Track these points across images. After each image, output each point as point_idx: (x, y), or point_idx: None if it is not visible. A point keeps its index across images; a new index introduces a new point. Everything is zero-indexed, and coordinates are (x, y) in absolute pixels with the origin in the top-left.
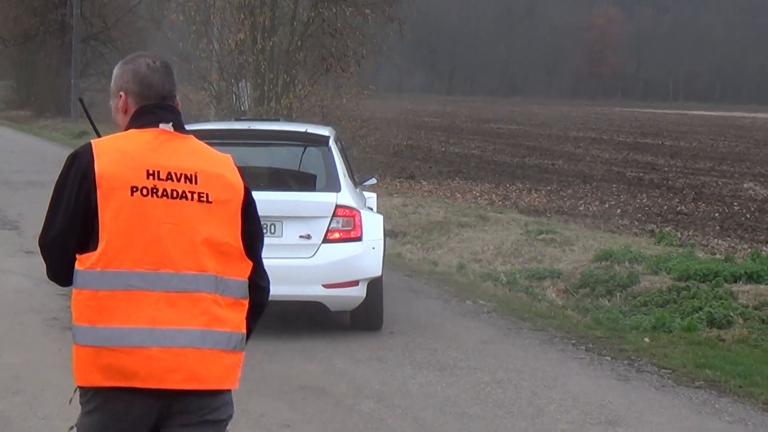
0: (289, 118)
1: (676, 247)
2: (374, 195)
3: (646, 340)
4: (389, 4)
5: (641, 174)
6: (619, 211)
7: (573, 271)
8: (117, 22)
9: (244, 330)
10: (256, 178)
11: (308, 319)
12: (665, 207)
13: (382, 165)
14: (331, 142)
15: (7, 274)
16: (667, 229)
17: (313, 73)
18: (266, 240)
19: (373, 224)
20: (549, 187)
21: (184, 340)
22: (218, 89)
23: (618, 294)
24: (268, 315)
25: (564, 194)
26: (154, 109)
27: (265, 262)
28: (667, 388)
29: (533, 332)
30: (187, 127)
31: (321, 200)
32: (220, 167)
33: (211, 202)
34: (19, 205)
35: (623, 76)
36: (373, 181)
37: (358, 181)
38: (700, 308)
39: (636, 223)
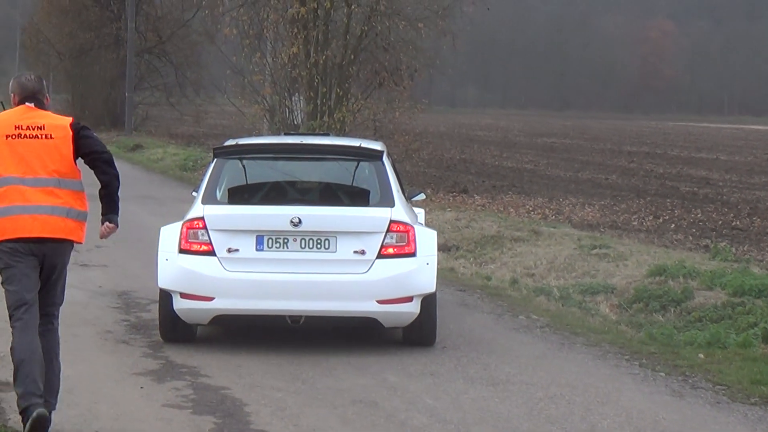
0: (341, 133)
1: (730, 263)
2: (422, 211)
3: (701, 356)
4: (442, 17)
5: (696, 188)
6: (673, 225)
7: (627, 286)
8: (171, 36)
9: (81, 208)
10: (308, 193)
11: (360, 333)
12: (720, 222)
13: (434, 179)
14: (385, 157)
15: None
16: (722, 244)
17: (366, 87)
18: (320, 255)
19: (427, 240)
20: (602, 202)
21: (43, 211)
22: (271, 103)
23: (672, 309)
24: (321, 330)
25: (618, 209)
26: (26, 98)
27: (320, 277)
28: (722, 404)
29: (586, 347)
30: (239, 141)
31: (375, 215)
32: (60, 121)
33: (53, 138)
34: None
35: (678, 89)
36: (422, 196)
37: (407, 197)
38: (756, 324)
39: (690, 238)
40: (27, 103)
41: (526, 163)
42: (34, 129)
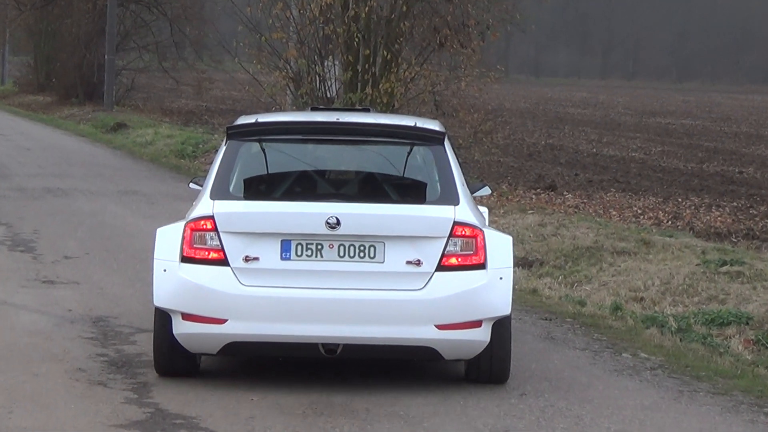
0: (389, 109)
1: None
2: (486, 210)
3: None
4: None
5: None
6: None
7: (767, 315)
8: None
9: None
10: (348, 187)
11: (414, 370)
12: None
13: (512, 171)
14: (446, 141)
15: (18, 311)
16: None
17: (422, 49)
18: (363, 266)
19: (500, 247)
20: (735, 203)
21: None
22: (297, 69)
23: None
24: (358, 367)
25: (755, 212)
26: None
27: (363, 294)
28: None
29: (712, 396)
30: (259, 119)
31: (435, 215)
32: None
33: None
34: (35, 219)
35: None
36: (487, 191)
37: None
38: None
39: None
40: None
41: (634, 151)
42: None
